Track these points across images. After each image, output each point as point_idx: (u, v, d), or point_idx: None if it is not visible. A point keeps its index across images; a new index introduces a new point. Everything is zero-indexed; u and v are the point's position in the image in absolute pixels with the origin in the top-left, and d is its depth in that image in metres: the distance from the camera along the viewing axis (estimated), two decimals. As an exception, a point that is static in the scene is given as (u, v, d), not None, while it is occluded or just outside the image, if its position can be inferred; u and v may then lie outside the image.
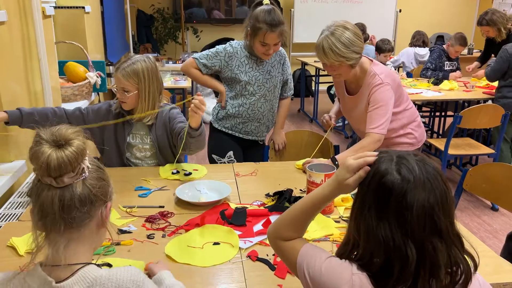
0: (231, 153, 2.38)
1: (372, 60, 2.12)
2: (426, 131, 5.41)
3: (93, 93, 3.24)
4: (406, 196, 0.85)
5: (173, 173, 1.98)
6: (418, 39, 5.21)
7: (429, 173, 0.88)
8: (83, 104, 3.00)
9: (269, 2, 2.23)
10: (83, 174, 0.92)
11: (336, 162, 1.98)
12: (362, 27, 4.92)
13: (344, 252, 0.96)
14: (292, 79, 2.51)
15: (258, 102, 2.35)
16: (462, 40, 4.42)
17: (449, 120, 4.67)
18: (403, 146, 2.23)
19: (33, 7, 2.16)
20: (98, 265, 0.96)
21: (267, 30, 2.14)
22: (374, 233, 0.87)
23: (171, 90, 4.31)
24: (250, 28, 2.21)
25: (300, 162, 2.09)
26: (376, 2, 7.26)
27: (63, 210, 0.89)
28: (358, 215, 0.91)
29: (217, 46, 2.33)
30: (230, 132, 2.42)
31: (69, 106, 2.86)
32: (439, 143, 3.64)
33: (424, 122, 5.76)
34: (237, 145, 2.42)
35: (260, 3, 2.24)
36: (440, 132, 5.01)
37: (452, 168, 4.27)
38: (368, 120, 2.06)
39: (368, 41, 4.91)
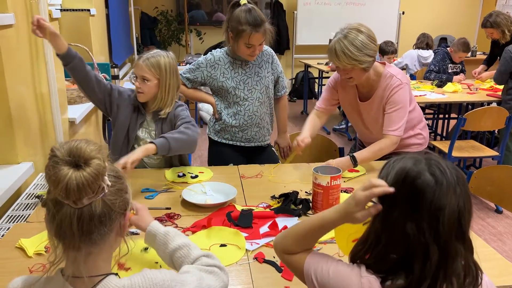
0: (230, 165, 2.28)
1: (384, 63, 2.13)
2: (430, 133, 5.44)
3: (98, 95, 3.26)
4: (440, 198, 0.86)
5: (179, 176, 1.99)
6: (422, 41, 5.21)
7: (459, 178, 0.89)
8: (88, 106, 3.02)
9: (246, 2, 2.16)
10: (103, 192, 0.88)
11: (356, 162, 2.00)
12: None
13: (360, 250, 0.96)
14: (284, 77, 2.47)
15: (253, 106, 2.30)
16: (465, 46, 4.43)
17: (453, 122, 4.68)
18: (413, 147, 2.24)
19: (40, 10, 2.17)
20: (116, 274, 0.95)
21: (251, 31, 2.08)
22: (401, 229, 0.87)
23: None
24: (232, 31, 2.14)
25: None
26: (379, 4, 7.27)
27: (82, 231, 0.86)
28: (386, 213, 0.90)
29: (199, 58, 2.31)
30: (231, 142, 2.37)
31: (75, 109, 2.90)
32: (443, 145, 3.64)
33: (427, 125, 5.77)
34: (239, 155, 2.37)
35: (238, 4, 2.16)
36: (444, 134, 5.02)
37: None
38: (387, 121, 2.06)
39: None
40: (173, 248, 1.15)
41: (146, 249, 1.36)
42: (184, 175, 2.00)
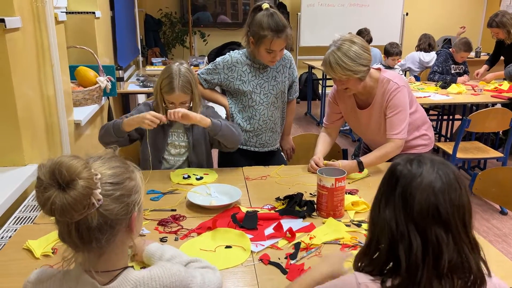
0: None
1: (380, 69, 2.14)
2: (434, 134, 5.43)
3: (103, 98, 3.28)
4: (412, 181, 0.90)
5: (184, 178, 2.00)
6: (424, 42, 5.18)
7: (443, 171, 0.91)
8: (93, 108, 3.04)
9: (268, 6, 2.12)
10: (96, 206, 0.85)
11: (362, 167, 2.02)
12: (365, 31, 4.93)
13: (362, 255, 0.99)
14: (298, 82, 2.46)
15: (268, 111, 2.28)
16: (466, 46, 4.41)
17: (457, 124, 4.67)
18: (419, 148, 2.25)
19: (46, 13, 2.19)
20: (132, 267, 0.97)
21: (273, 37, 2.05)
22: (380, 216, 0.93)
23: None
24: (253, 36, 2.10)
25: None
26: (383, 5, 7.26)
27: (82, 240, 0.86)
28: (373, 205, 0.98)
29: (217, 59, 2.27)
30: (244, 147, 2.33)
31: (80, 111, 2.92)
32: (447, 147, 3.64)
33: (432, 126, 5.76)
34: (250, 160, 2.32)
35: (260, 8, 2.12)
36: (448, 135, 5.01)
37: (460, 171, 4.27)
38: (389, 126, 2.08)
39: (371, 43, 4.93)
40: (167, 259, 1.21)
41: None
42: (189, 176, 2.01)
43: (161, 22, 7.00)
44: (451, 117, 4.93)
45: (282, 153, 2.54)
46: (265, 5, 2.11)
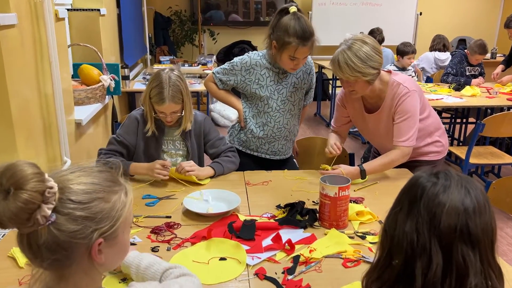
0: None
1: (390, 71, 2.03)
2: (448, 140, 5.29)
3: (106, 96, 3.22)
4: (439, 194, 0.83)
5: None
6: (439, 43, 5.06)
7: (473, 188, 0.84)
8: (96, 107, 2.98)
9: (296, 10, 1.96)
10: (42, 223, 0.75)
11: (365, 175, 1.92)
12: (378, 31, 4.81)
13: (373, 272, 0.90)
14: (313, 88, 2.33)
15: (284, 118, 2.16)
16: (481, 48, 4.27)
17: (471, 127, 4.53)
18: (431, 155, 2.13)
19: (44, 10, 2.13)
20: None
21: (298, 44, 1.91)
22: (398, 229, 0.85)
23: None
24: (277, 41, 1.96)
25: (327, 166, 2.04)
26: (396, 4, 7.12)
27: (33, 255, 0.78)
28: (389, 217, 0.89)
29: (235, 59, 2.14)
30: (256, 154, 2.23)
31: (83, 109, 2.86)
32: (460, 151, 3.51)
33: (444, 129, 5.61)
34: (260, 167, 2.20)
35: (287, 11, 1.97)
36: (461, 139, 4.87)
37: (473, 177, 4.13)
38: (396, 132, 1.96)
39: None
40: (144, 267, 1.14)
41: (124, 280, 1.26)
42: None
43: (171, 20, 6.94)
44: (464, 120, 4.79)
45: (294, 159, 2.41)
46: (293, 9, 1.96)
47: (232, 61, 2.15)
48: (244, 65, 2.11)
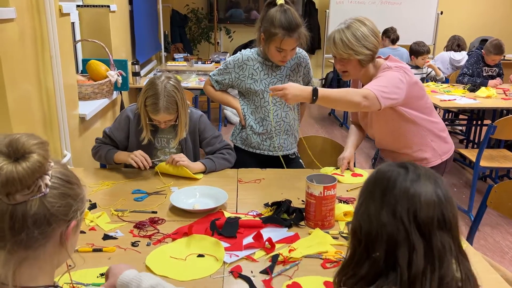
0: None
1: (388, 57, 1.96)
2: (462, 140, 5.15)
3: (114, 92, 3.25)
4: (413, 185, 0.84)
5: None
6: (453, 43, 4.96)
7: (439, 181, 0.86)
8: (102, 102, 3.01)
9: (283, 2, 1.98)
10: (41, 192, 0.80)
11: (317, 96, 1.73)
12: (392, 30, 4.72)
13: (348, 268, 0.89)
14: (312, 83, 2.30)
15: (282, 112, 2.15)
16: (497, 48, 4.13)
17: (486, 130, 4.41)
18: (424, 162, 2.03)
19: (45, 5, 2.15)
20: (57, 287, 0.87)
21: (284, 35, 1.92)
22: (375, 220, 0.84)
23: (195, 90, 4.28)
24: (264, 33, 1.99)
25: (329, 169, 2.01)
26: (416, 3, 6.97)
27: (13, 230, 0.79)
28: (359, 212, 0.89)
29: (228, 58, 2.18)
30: (258, 151, 2.21)
31: (88, 104, 2.90)
32: (471, 154, 3.41)
33: (460, 131, 5.47)
34: (263, 165, 2.16)
35: (274, 3, 1.99)
36: (476, 141, 4.74)
37: (487, 180, 4.01)
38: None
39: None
40: None
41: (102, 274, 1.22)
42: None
43: (188, 18, 6.98)
44: (479, 122, 4.66)
45: (301, 160, 2.37)
46: (280, 1, 1.97)
47: (226, 60, 2.18)
48: (236, 62, 2.12)
